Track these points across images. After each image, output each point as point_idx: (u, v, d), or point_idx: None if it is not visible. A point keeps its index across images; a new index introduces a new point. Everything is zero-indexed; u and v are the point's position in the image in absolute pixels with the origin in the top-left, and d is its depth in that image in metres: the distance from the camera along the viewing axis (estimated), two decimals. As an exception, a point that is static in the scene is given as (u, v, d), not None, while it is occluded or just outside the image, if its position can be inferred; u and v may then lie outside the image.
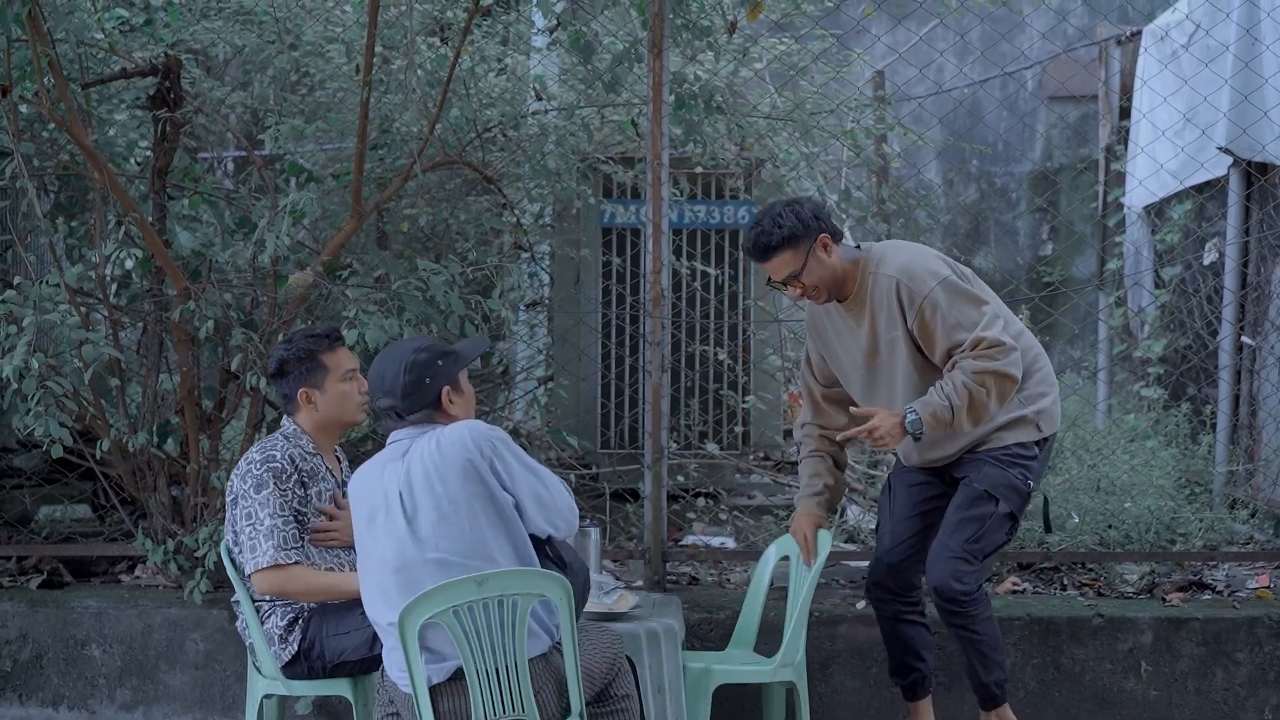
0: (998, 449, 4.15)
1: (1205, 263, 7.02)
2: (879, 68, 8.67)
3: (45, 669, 4.95)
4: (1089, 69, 8.79)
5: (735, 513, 5.86)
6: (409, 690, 3.47)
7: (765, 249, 4.11)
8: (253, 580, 3.94)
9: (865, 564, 5.33)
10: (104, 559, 5.36)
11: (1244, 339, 6.53)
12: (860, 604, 4.94)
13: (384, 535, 3.54)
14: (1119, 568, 5.34)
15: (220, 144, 6.47)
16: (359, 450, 5.41)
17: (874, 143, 7.22)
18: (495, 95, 5.77)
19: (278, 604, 3.97)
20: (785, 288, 4.17)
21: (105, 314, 5.08)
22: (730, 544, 5.60)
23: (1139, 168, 7.51)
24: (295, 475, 3.97)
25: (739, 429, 6.25)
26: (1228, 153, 6.41)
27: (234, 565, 4.02)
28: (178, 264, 4.81)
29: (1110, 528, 5.47)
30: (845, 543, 5.56)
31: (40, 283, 4.59)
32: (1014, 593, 5.17)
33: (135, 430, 4.89)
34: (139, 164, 5.38)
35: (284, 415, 4.14)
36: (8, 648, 4.96)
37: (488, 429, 3.53)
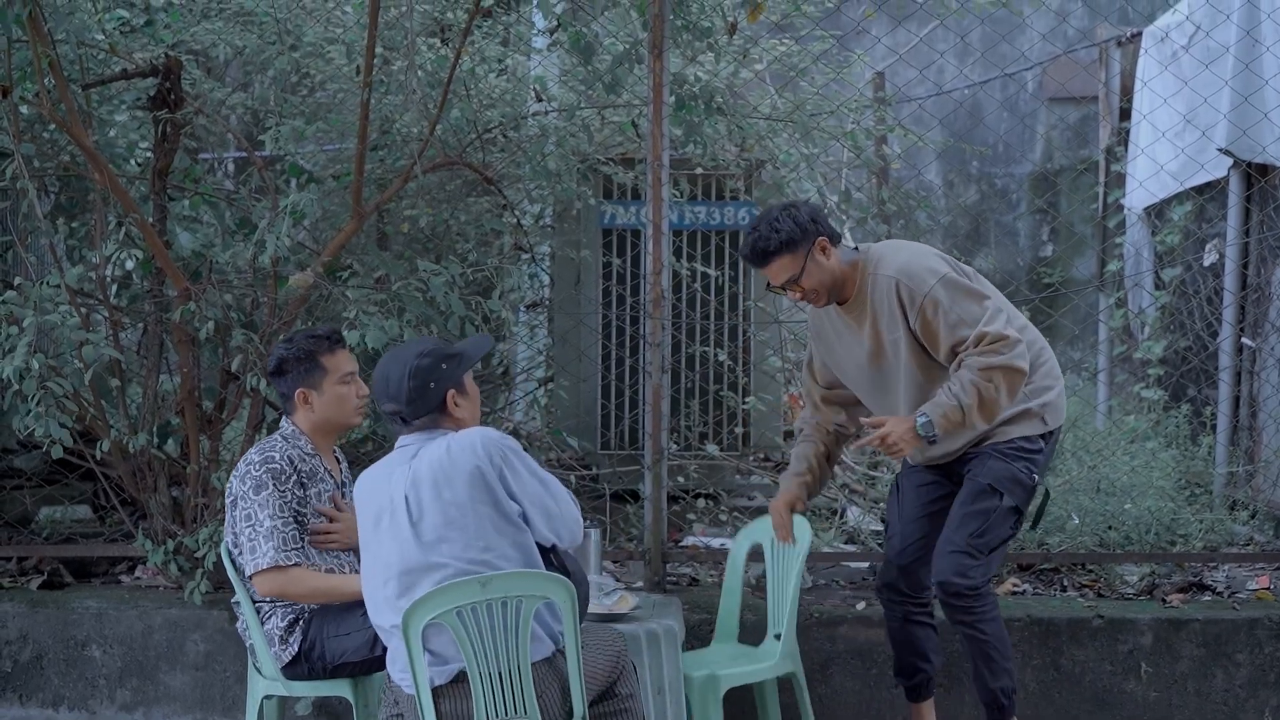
0: (1002, 443, 4.13)
1: (1205, 264, 7.02)
2: (879, 69, 8.67)
3: (45, 670, 4.95)
4: (1089, 70, 8.79)
5: (735, 514, 5.85)
6: (412, 691, 3.47)
7: (763, 254, 4.11)
8: (253, 582, 3.93)
9: (865, 565, 5.34)
10: (104, 560, 5.36)
11: (1244, 340, 6.52)
12: (860, 605, 4.94)
13: (389, 538, 3.55)
14: (1119, 569, 5.34)
15: (221, 145, 6.46)
16: (359, 451, 5.41)
17: (874, 144, 7.22)
18: (496, 96, 5.77)
19: (278, 605, 3.97)
20: (785, 291, 4.18)
21: (106, 315, 5.08)
22: (730, 545, 5.59)
23: (1139, 169, 7.50)
24: (294, 476, 3.97)
25: (739, 430, 6.24)
26: (1228, 154, 6.41)
27: (234, 566, 4.01)
28: (178, 265, 4.81)
29: (1110, 529, 5.47)
30: (845, 543, 5.56)
31: (41, 283, 4.59)
32: (1014, 594, 5.17)
33: (135, 431, 4.89)
34: (139, 165, 5.38)
35: (283, 416, 4.14)
36: (8, 648, 4.96)
37: (500, 437, 3.54)
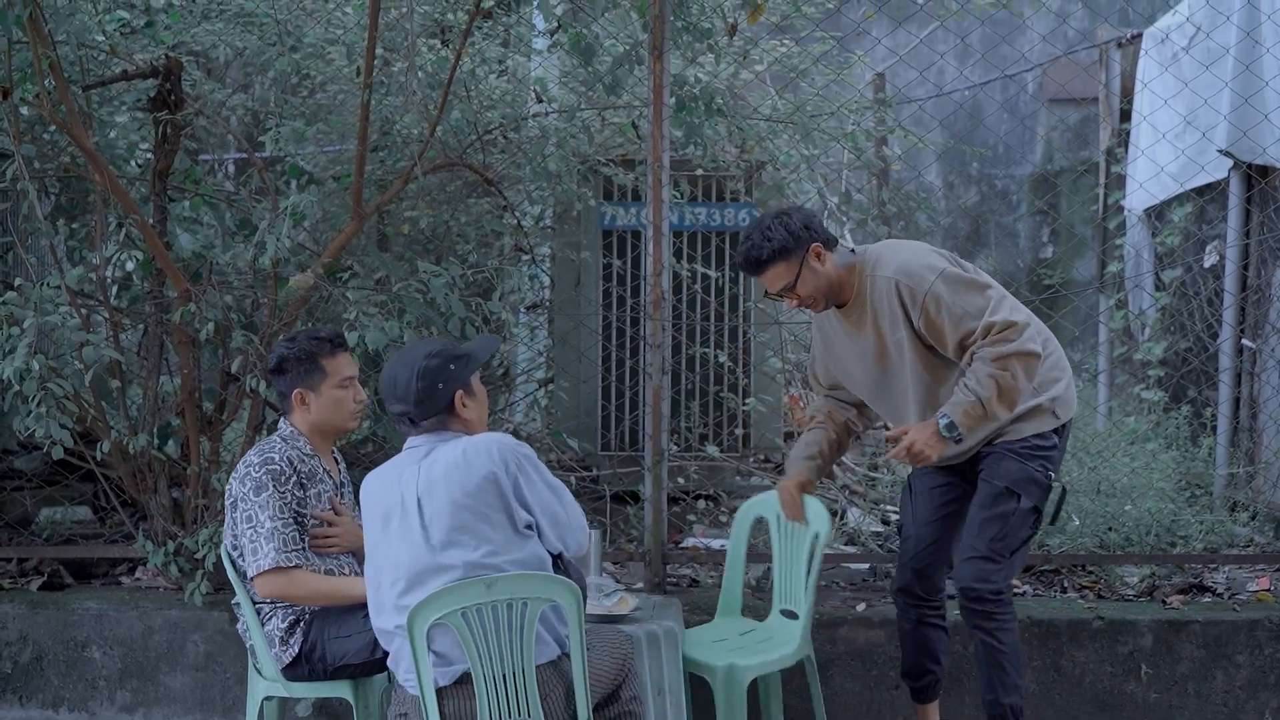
0: (1015, 442, 4.10)
1: (1205, 265, 7.02)
2: (879, 70, 8.67)
3: (45, 671, 4.95)
4: (1089, 72, 8.79)
5: (735, 515, 5.85)
6: (416, 692, 3.47)
7: (756, 263, 4.11)
8: (255, 584, 3.93)
9: (865, 566, 5.34)
10: (104, 561, 5.36)
11: (1244, 342, 6.52)
12: (860, 606, 4.94)
13: (398, 539, 3.55)
14: (1119, 570, 5.34)
15: (221, 146, 6.45)
16: (358, 452, 5.42)
17: (874, 145, 7.22)
18: (496, 97, 5.77)
19: (279, 606, 3.96)
20: (782, 298, 4.17)
21: (106, 316, 5.08)
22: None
23: (1139, 170, 7.51)
24: (294, 477, 3.97)
25: (739, 431, 6.24)
26: (1228, 155, 6.41)
27: (234, 567, 4.01)
28: (178, 266, 4.81)
29: (1110, 530, 5.47)
30: (845, 545, 5.55)
31: (41, 285, 4.59)
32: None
33: (136, 432, 4.89)
34: (140, 166, 5.38)
35: (281, 416, 4.14)
36: (8, 649, 4.96)
37: (515, 444, 3.56)
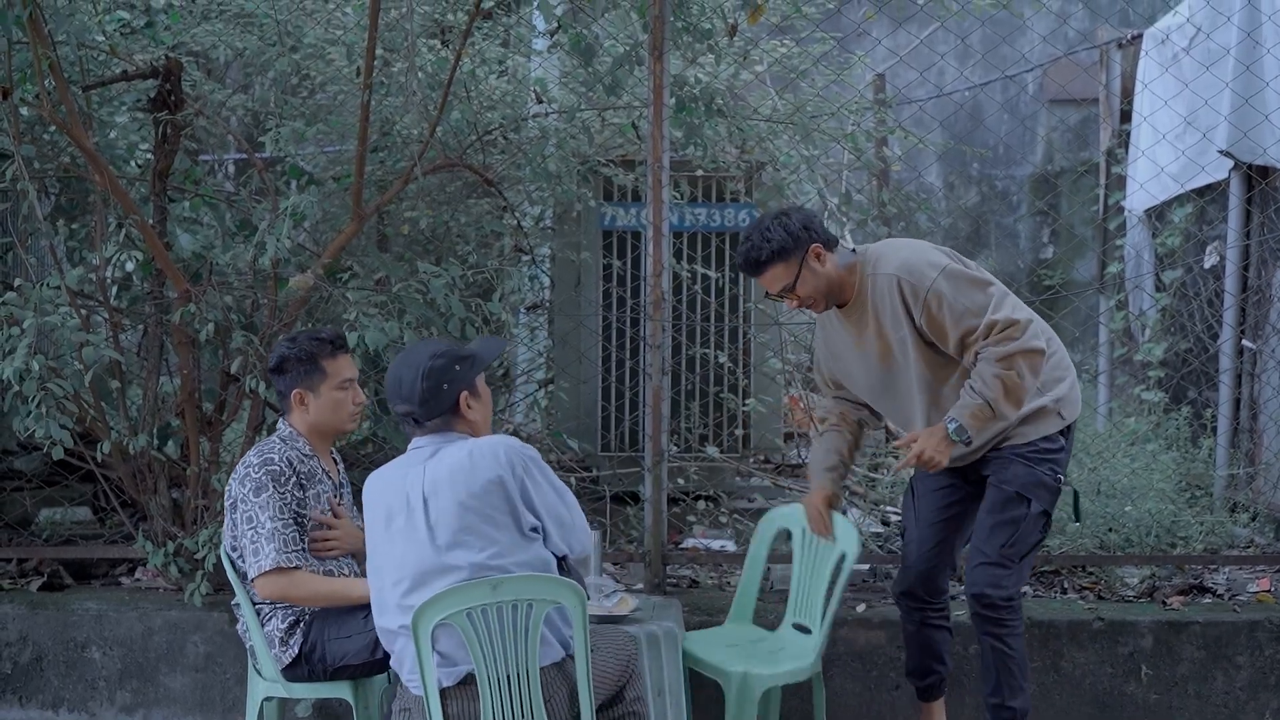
0: (1022, 445, 4.09)
1: (1206, 266, 7.02)
2: (880, 71, 8.67)
3: (45, 671, 4.95)
4: (1090, 72, 8.79)
5: (735, 516, 5.85)
6: (420, 692, 3.47)
7: (756, 264, 4.10)
8: (256, 584, 3.92)
9: (865, 567, 5.34)
10: (104, 561, 5.36)
11: (1244, 342, 6.52)
12: (860, 608, 4.94)
13: (401, 539, 3.55)
14: (1119, 571, 5.34)
15: (221, 146, 6.45)
16: (358, 453, 5.42)
17: (875, 146, 7.21)
18: (496, 98, 5.77)
19: (278, 607, 3.96)
20: (782, 299, 4.17)
21: (106, 316, 5.08)
22: (730, 547, 5.60)
23: (1140, 171, 7.51)
24: (294, 478, 3.96)
25: (739, 432, 6.24)
26: (1228, 156, 6.41)
27: (234, 568, 4.01)
28: (178, 266, 4.81)
29: (1111, 531, 5.47)
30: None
31: (41, 285, 4.59)
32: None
33: (135, 433, 4.89)
34: (140, 166, 5.38)
35: (280, 417, 4.14)
36: (8, 650, 4.96)
37: (521, 447, 3.56)
